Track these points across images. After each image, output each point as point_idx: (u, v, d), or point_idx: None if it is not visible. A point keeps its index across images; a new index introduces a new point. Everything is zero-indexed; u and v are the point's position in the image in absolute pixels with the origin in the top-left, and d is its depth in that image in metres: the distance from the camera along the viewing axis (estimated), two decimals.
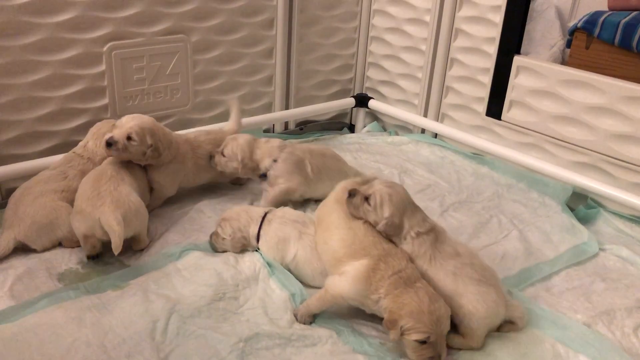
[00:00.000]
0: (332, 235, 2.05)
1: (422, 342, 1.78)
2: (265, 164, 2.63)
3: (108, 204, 2.17)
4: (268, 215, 2.30)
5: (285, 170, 2.61)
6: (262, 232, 2.27)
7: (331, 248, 2.03)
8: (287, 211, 2.34)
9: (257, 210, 2.35)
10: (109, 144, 2.34)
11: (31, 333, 1.83)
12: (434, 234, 2.03)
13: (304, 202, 2.74)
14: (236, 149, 2.61)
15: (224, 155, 2.62)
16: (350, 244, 1.99)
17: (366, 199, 2.02)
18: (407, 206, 2.04)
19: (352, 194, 2.05)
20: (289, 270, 2.20)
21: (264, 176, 2.65)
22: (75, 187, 2.33)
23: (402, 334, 1.79)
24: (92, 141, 2.53)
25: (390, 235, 2.02)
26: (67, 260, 2.25)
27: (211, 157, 2.65)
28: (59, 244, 2.32)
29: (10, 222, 2.26)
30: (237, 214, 2.32)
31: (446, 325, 1.82)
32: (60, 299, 2.00)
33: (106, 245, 2.19)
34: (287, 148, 2.66)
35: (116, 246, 2.11)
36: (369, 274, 1.89)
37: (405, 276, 1.88)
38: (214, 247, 2.32)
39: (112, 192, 2.23)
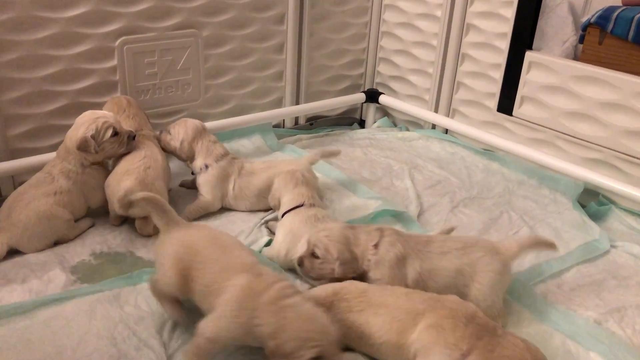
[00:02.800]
0: (370, 329, 1.73)
1: None
2: (198, 163, 2.61)
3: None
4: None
5: (209, 183, 2.58)
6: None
7: (384, 346, 1.71)
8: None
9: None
10: None
11: (43, 325, 1.85)
12: (392, 234, 1.97)
13: None
14: (181, 131, 2.61)
15: (169, 133, 2.64)
16: (392, 322, 1.69)
17: (313, 255, 1.95)
18: (348, 235, 1.96)
19: (300, 262, 1.97)
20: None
21: (193, 174, 2.65)
22: (65, 187, 2.32)
23: None
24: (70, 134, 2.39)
25: (355, 272, 1.92)
26: (80, 252, 2.27)
27: (160, 132, 2.66)
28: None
29: (2, 226, 2.24)
30: None
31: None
32: (73, 293, 2.01)
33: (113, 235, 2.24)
34: (223, 160, 2.61)
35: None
36: (440, 334, 1.59)
37: (483, 321, 1.63)
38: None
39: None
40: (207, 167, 2.59)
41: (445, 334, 1.58)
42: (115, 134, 2.37)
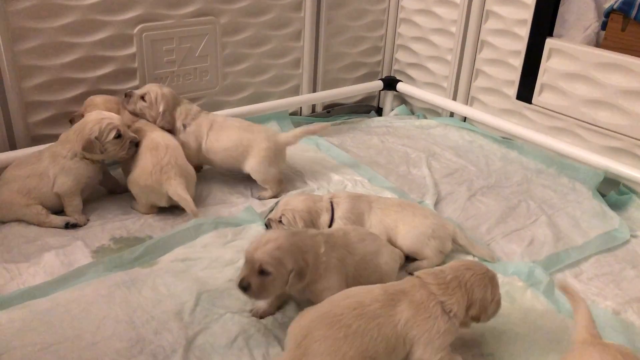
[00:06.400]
0: None
1: None
2: (177, 125, 2.66)
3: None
4: None
5: (188, 142, 2.64)
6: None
7: None
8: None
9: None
10: None
11: (63, 309, 1.88)
12: (329, 236, 1.91)
13: None
14: (160, 99, 2.61)
15: (143, 100, 2.61)
16: None
17: (261, 272, 1.73)
18: (297, 242, 1.79)
19: (246, 285, 1.73)
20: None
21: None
22: (44, 169, 2.38)
23: None
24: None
25: (304, 283, 1.79)
26: (100, 237, 2.31)
27: (126, 95, 2.62)
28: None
29: None
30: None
31: None
32: (91, 275, 2.04)
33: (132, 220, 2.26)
34: (199, 117, 2.68)
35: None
36: None
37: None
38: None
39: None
40: (184, 126, 2.65)
41: None
42: (119, 136, 2.38)
